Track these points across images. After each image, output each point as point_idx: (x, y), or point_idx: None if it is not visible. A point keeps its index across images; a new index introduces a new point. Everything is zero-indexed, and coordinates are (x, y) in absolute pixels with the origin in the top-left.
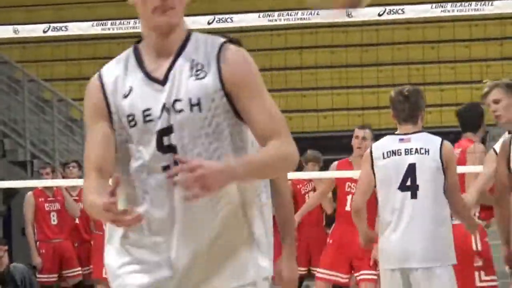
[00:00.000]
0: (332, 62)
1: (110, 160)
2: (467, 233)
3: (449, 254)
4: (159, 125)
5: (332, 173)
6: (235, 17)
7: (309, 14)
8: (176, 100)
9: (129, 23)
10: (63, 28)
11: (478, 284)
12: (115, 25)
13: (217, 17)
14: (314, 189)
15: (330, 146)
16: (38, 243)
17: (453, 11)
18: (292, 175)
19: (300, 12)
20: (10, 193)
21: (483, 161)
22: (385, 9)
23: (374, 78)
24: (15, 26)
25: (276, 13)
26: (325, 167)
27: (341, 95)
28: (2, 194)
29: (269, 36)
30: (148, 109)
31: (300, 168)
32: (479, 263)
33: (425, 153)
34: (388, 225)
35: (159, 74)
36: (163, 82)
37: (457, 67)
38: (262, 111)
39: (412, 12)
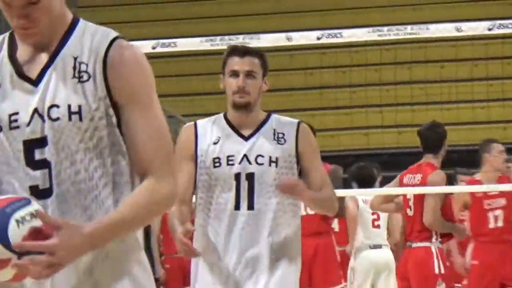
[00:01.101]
0: (441, 77)
1: None
2: (429, 256)
3: None
4: (27, 134)
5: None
6: (345, 32)
7: (418, 29)
8: (52, 106)
9: (238, 38)
10: (172, 44)
11: None
12: (224, 40)
13: (327, 32)
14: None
15: (443, 161)
16: (163, 257)
17: None
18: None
19: (409, 27)
20: None
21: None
22: (495, 24)
23: (484, 92)
24: None
25: (385, 28)
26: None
27: (450, 110)
28: None
29: (378, 51)
30: (15, 113)
31: None
32: (441, 285)
33: None
34: None
35: (32, 72)
36: (35, 82)
37: None
38: (147, 132)
39: None
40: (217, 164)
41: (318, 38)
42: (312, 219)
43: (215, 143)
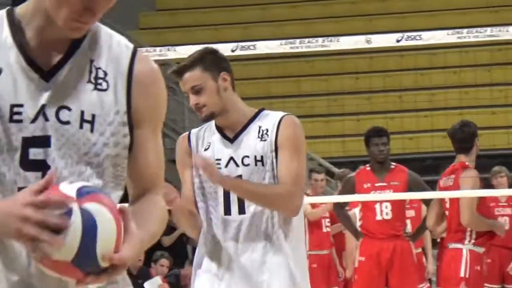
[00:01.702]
0: None
1: None
2: (458, 258)
3: None
4: (30, 131)
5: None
6: (424, 34)
7: (498, 31)
8: (62, 107)
9: (317, 41)
10: (251, 47)
11: None
12: (303, 43)
13: (406, 34)
14: None
15: None
16: None
17: None
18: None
19: (489, 29)
20: None
21: (476, 186)
22: None
23: None
24: (203, 45)
25: (465, 30)
26: None
27: None
28: None
29: (458, 53)
30: (19, 105)
31: (490, 185)
32: None
33: None
34: None
35: (44, 64)
36: (47, 76)
37: None
38: (156, 151)
39: None
40: None
41: (398, 41)
42: (388, 222)
43: (206, 150)
